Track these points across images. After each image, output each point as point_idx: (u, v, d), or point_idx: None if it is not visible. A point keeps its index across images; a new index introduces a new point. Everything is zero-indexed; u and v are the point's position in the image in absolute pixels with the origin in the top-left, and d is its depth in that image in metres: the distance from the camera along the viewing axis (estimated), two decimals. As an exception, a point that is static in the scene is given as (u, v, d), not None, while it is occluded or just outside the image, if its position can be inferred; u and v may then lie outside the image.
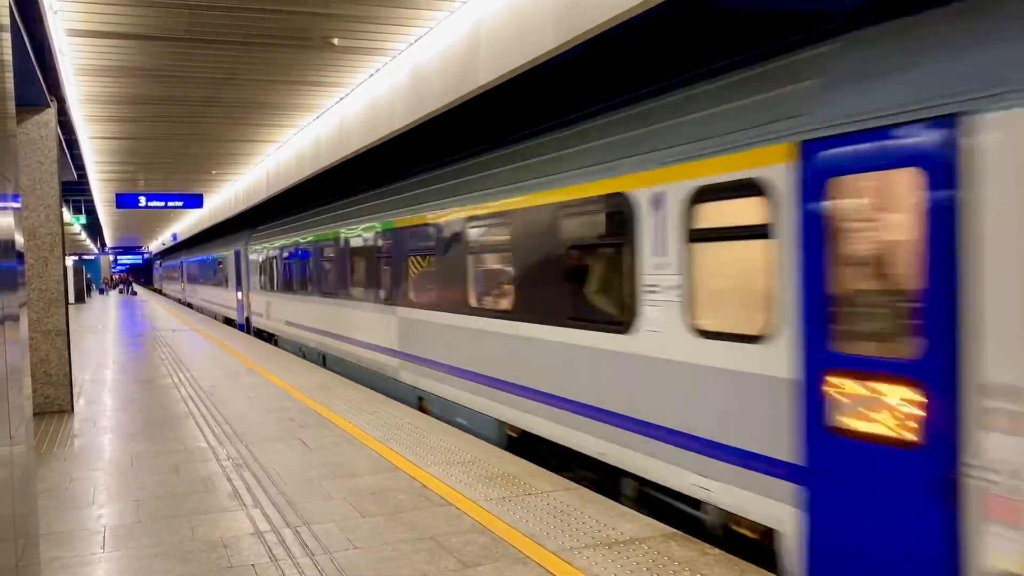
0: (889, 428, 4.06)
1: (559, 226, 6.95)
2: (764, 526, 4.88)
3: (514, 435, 8.00)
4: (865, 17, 4.52)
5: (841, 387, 4.27)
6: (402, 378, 10.99)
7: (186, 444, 8.23)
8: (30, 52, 7.98)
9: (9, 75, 3.79)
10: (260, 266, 21.62)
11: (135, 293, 64.17)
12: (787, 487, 4.61)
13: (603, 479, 6.63)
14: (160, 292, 70.94)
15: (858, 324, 4.28)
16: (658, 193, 5.65)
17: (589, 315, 6.60)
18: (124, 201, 22.49)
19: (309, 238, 16.08)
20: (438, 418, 9.49)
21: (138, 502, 6.25)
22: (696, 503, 5.50)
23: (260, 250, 21.51)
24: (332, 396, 10.93)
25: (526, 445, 7.77)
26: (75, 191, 27.20)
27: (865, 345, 4.22)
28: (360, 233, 12.81)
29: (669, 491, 5.81)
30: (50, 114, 10.33)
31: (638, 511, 5.84)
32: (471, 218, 8.61)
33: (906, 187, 3.97)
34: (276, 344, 19.97)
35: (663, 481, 5.73)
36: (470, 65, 8.32)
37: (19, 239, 3.84)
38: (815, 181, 4.40)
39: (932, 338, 3.81)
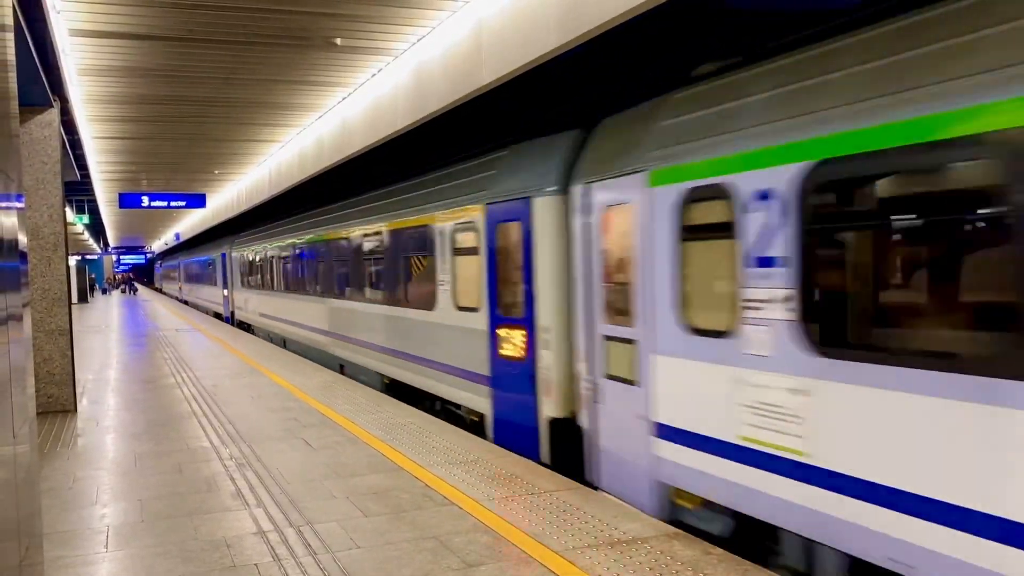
0: (516, 351, 7.74)
1: (406, 243, 10.86)
2: (480, 413, 8.56)
3: (387, 382, 11.92)
4: (516, 137, 8.29)
5: (502, 333, 8.00)
6: (332, 352, 15.03)
7: (189, 444, 8.24)
8: (33, 52, 7.99)
9: (12, 75, 3.80)
10: (240, 267, 26.10)
11: (136, 291, 64.26)
12: (486, 389, 8.34)
13: (433, 406, 10.23)
14: (160, 291, 71.21)
15: (505, 299, 7.96)
16: (441, 226, 9.51)
17: (418, 300, 10.44)
18: (127, 201, 22.48)
19: (275, 244, 20.27)
20: (350, 376, 13.39)
21: (141, 501, 6.26)
22: (458, 407, 9.38)
23: (240, 253, 26.14)
24: (335, 396, 10.95)
25: (396, 388, 11.48)
26: (78, 191, 27.18)
27: (509, 310, 7.89)
28: (305, 242, 17.02)
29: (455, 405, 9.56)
30: (53, 114, 10.34)
31: (452, 425, 8.95)
32: (363, 235, 12.81)
33: (517, 232, 7.65)
34: (253, 333, 23.69)
35: (448, 397, 9.47)
36: (473, 64, 8.32)
37: (22, 239, 3.85)
38: (490, 225, 8.18)
39: (527, 305, 7.50)
